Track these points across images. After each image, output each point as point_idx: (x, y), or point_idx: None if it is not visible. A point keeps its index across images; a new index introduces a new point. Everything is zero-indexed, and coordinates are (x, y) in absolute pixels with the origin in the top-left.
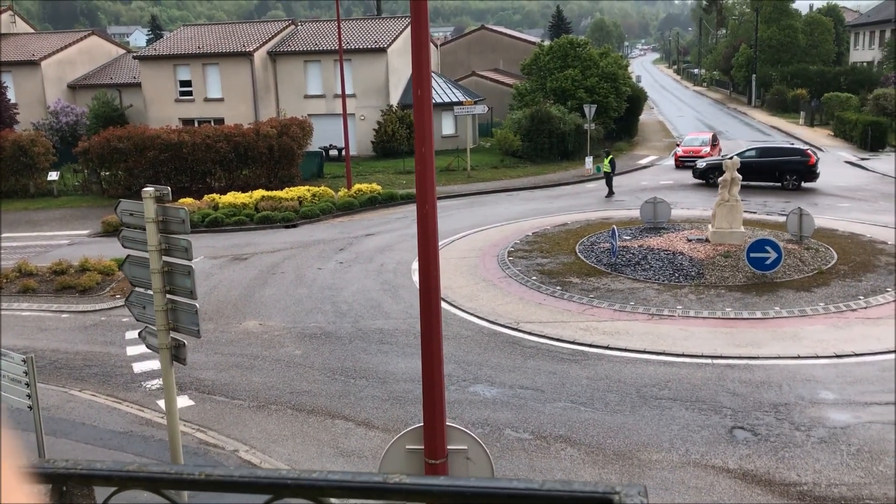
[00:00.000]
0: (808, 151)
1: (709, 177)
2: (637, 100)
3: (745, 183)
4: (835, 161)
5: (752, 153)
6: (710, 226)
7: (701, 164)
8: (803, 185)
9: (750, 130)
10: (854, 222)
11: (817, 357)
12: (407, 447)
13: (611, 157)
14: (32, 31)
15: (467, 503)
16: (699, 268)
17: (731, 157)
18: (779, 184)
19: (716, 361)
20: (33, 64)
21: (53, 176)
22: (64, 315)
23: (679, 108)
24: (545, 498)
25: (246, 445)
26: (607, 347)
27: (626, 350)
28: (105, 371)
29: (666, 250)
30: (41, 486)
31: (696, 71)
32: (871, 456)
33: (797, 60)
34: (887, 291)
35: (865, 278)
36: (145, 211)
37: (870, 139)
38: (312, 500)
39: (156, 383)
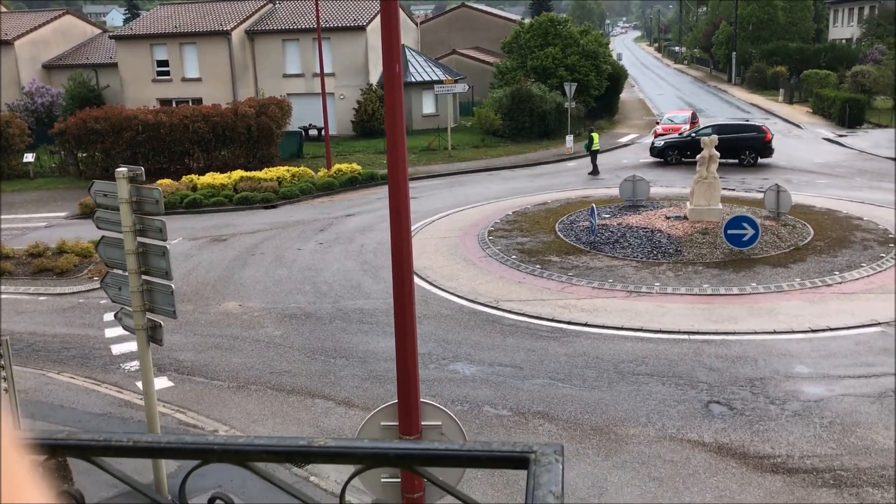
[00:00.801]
0: (765, 128)
1: (667, 155)
2: (618, 78)
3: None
4: (813, 138)
5: (709, 130)
6: (688, 203)
7: (659, 142)
8: (759, 160)
9: (729, 108)
10: (831, 199)
11: (793, 332)
12: (381, 423)
13: (594, 134)
14: (5, 9)
15: (389, 464)
16: (677, 245)
17: (689, 135)
18: (735, 160)
19: (693, 337)
20: (6, 44)
21: (29, 158)
22: (41, 298)
23: (659, 86)
24: (466, 457)
25: (226, 426)
26: (586, 324)
27: (604, 327)
28: (83, 353)
29: (644, 228)
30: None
31: (676, 49)
32: (842, 428)
33: (777, 38)
34: (862, 266)
35: (841, 254)
36: (119, 192)
37: (848, 116)
38: (238, 464)
39: (134, 365)
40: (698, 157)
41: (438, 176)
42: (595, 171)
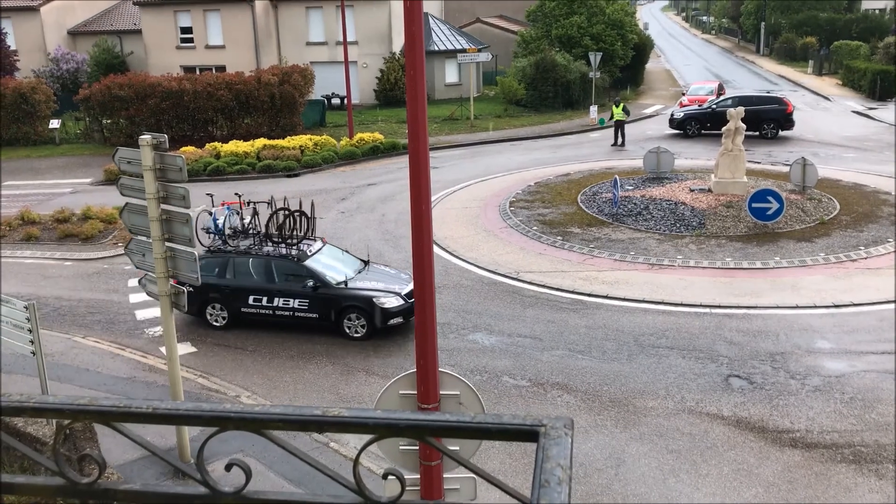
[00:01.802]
0: (786, 99)
1: (686, 127)
2: (643, 48)
3: (720, 132)
4: (842, 111)
5: (730, 102)
6: (712, 175)
7: (678, 113)
8: (780, 133)
9: (757, 79)
10: (859, 173)
11: (815, 307)
12: (400, 392)
13: (623, 104)
14: None
15: (402, 434)
16: (701, 218)
17: (709, 107)
18: (756, 132)
19: (714, 311)
20: (32, 10)
21: (55, 124)
22: (67, 263)
23: (686, 57)
24: (476, 429)
25: (248, 391)
26: (606, 297)
27: (624, 299)
28: (108, 318)
29: (668, 200)
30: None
31: (704, 18)
32: (864, 404)
33: (808, 8)
34: (888, 242)
35: (867, 229)
36: (143, 159)
37: (878, 88)
38: (255, 432)
39: (158, 330)
40: (724, 129)
41: (460, 146)
42: (620, 143)
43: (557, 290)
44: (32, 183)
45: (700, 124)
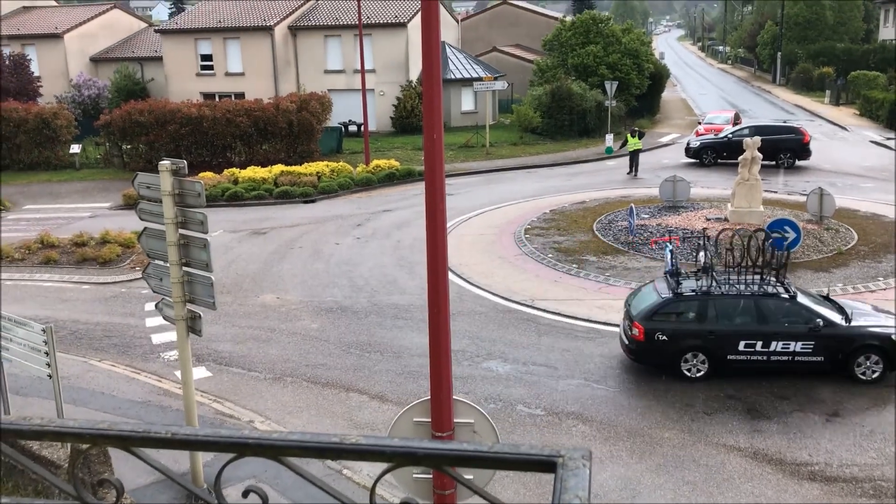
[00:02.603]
0: (802, 129)
1: (702, 156)
2: (659, 77)
3: (737, 161)
4: (859, 141)
5: (745, 132)
6: (729, 205)
7: (695, 142)
8: (797, 162)
9: (773, 109)
10: (877, 203)
11: None
12: (414, 420)
13: (638, 132)
14: (55, 3)
15: (419, 463)
16: (717, 247)
17: (725, 136)
18: (773, 162)
19: None
20: (56, 37)
21: (75, 148)
22: (84, 286)
23: (702, 86)
24: (493, 459)
25: (262, 416)
26: None
27: None
28: (124, 342)
29: (684, 229)
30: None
31: (720, 48)
32: (883, 437)
33: (824, 38)
34: None
35: (886, 259)
36: (161, 184)
37: None
38: (273, 459)
39: (173, 354)
40: (740, 158)
41: (476, 173)
42: (634, 171)
43: (573, 318)
44: (52, 207)
45: (716, 153)
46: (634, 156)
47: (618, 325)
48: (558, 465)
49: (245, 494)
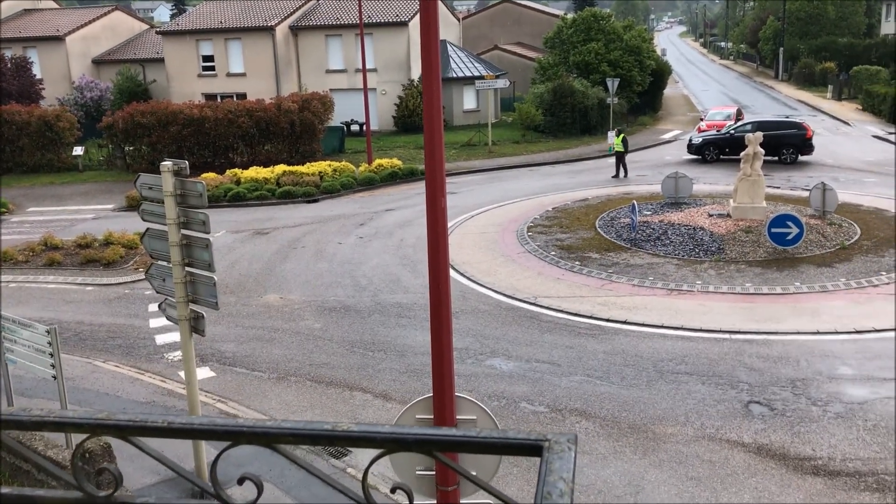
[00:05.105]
0: (805, 124)
1: (704, 152)
2: (661, 73)
3: (739, 157)
4: (862, 135)
5: (748, 127)
6: (731, 201)
7: (697, 139)
8: (800, 158)
9: (776, 104)
10: (879, 198)
11: (837, 332)
12: (416, 417)
13: (622, 135)
14: (57, 6)
15: (409, 448)
16: (720, 243)
17: (727, 132)
18: (775, 157)
19: (734, 336)
20: (58, 39)
21: (78, 151)
22: (88, 288)
23: (704, 82)
24: (482, 444)
25: (265, 416)
26: (625, 322)
27: (643, 325)
28: (128, 343)
29: (686, 225)
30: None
31: (722, 44)
32: (887, 431)
33: (826, 33)
34: None
35: (889, 254)
36: (163, 185)
37: None
38: (267, 446)
39: (177, 355)
40: (742, 154)
41: (478, 171)
42: (620, 174)
43: (575, 315)
44: (56, 209)
45: (718, 149)
46: (620, 157)
47: (620, 322)
48: (544, 448)
49: (240, 482)
